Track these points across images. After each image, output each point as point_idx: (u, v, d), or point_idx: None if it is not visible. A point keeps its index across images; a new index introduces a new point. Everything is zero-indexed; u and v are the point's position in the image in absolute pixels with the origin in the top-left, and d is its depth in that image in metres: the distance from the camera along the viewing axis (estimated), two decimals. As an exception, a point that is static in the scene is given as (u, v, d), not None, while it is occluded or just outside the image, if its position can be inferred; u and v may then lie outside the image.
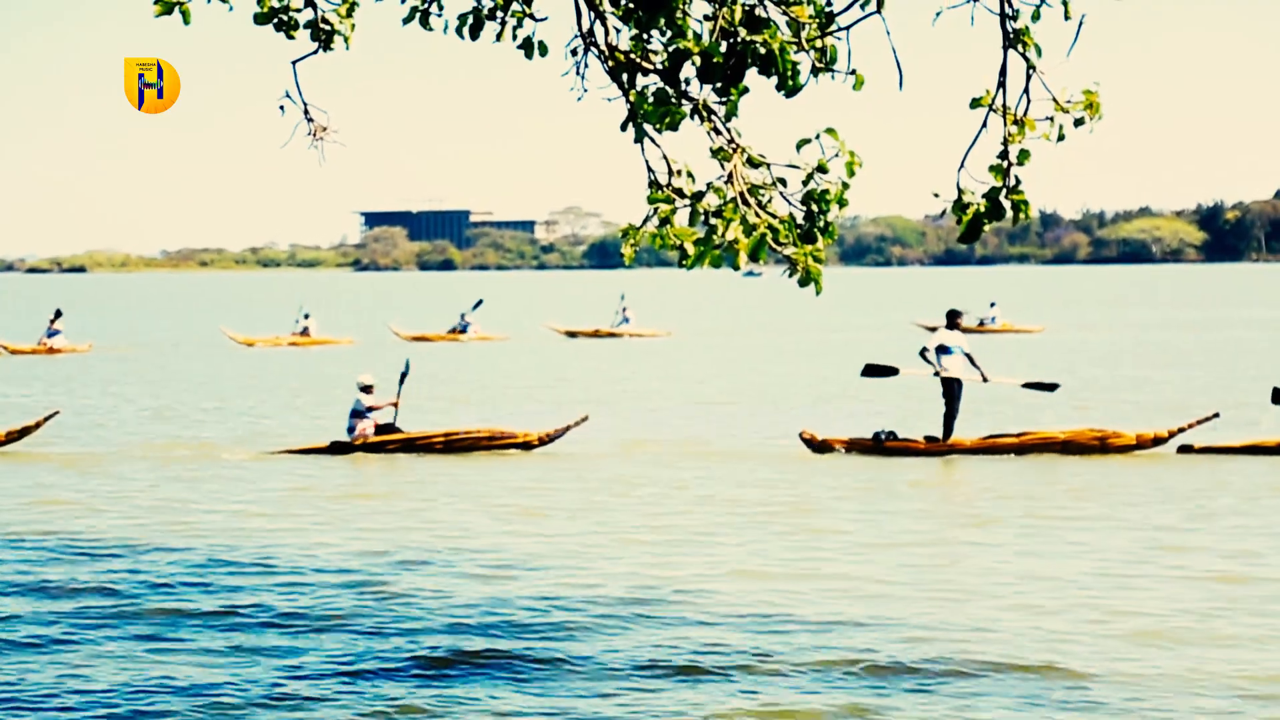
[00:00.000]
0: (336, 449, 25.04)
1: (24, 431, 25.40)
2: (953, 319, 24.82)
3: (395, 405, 25.40)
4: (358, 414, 25.24)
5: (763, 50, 7.89)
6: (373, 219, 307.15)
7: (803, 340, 61.32)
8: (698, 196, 8.12)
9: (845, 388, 37.64)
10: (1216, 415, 24.57)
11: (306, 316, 57.59)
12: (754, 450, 25.24)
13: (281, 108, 8.67)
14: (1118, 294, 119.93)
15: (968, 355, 24.69)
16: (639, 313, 71.59)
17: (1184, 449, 23.95)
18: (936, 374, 24.64)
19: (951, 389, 24.51)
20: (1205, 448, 23.86)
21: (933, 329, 65.90)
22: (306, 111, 8.75)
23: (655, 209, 8.07)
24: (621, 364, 46.71)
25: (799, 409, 32.28)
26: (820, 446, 24.34)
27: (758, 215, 8.01)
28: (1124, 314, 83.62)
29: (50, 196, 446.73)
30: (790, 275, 8.12)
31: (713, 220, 8.01)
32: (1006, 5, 8.03)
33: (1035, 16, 8.02)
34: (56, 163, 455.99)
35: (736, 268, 8.10)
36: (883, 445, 24.29)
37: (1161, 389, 36.47)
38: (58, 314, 52.90)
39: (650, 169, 8.30)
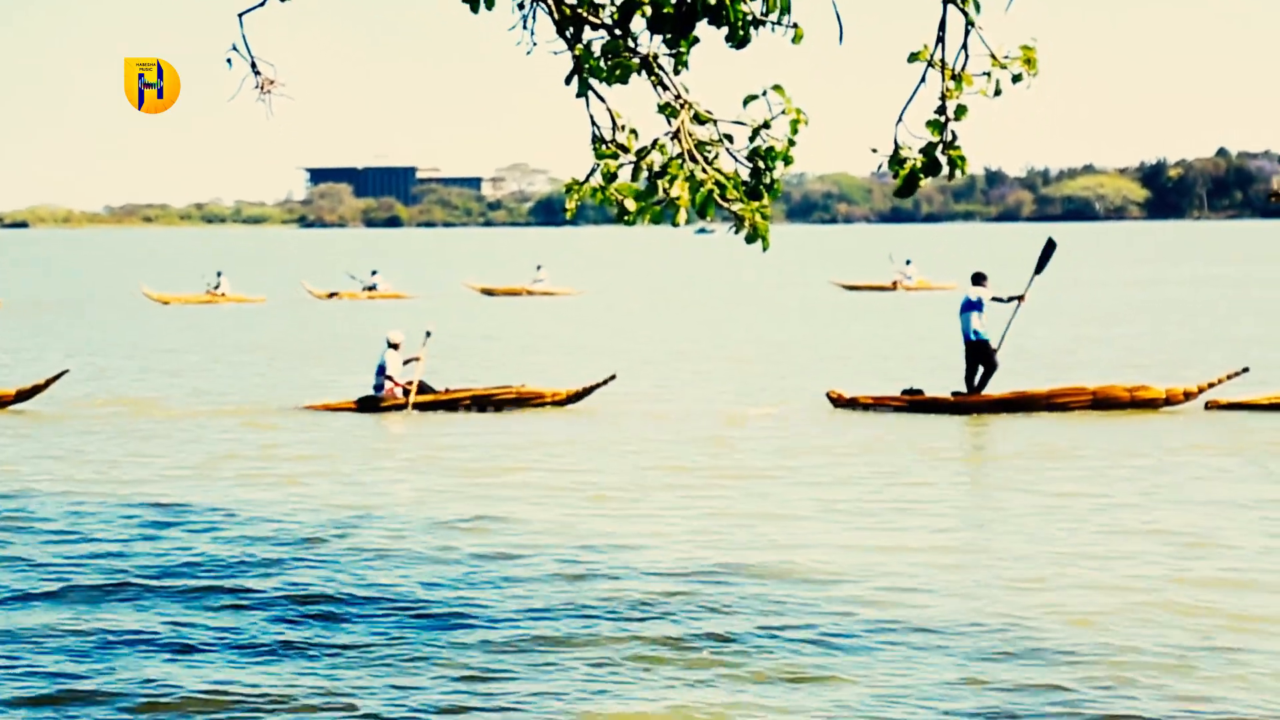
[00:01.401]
0: (364, 406, 24.87)
1: (34, 390, 25.25)
2: (979, 279, 24.93)
3: (417, 385, 24.86)
4: (385, 371, 25.00)
5: (712, 1, 7.92)
6: (318, 175, 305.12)
7: (732, 300, 61.22)
8: (642, 153, 8.13)
9: (762, 347, 37.80)
10: (1246, 370, 24.63)
11: (219, 275, 62.57)
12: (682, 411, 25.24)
13: (229, 60, 8.63)
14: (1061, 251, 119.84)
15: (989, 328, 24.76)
16: (561, 271, 74.88)
17: (1211, 405, 24.03)
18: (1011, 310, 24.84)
19: (984, 348, 24.54)
20: (1232, 403, 24.01)
21: (851, 288, 65.62)
22: (254, 65, 8.70)
23: (601, 164, 8.09)
24: (523, 323, 46.59)
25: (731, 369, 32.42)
26: (848, 404, 24.43)
27: (704, 172, 8.04)
28: (1072, 273, 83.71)
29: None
30: (737, 231, 8.15)
31: (656, 179, 8.03)
32: (946, -40, 8.07)
33: (973, -30, 8.05)
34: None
35: (676, 224, 8.09)
36: (910, 401, 24.23)
37: (1111, 347, 36.71)
38: None
39: (595, 124, 8.31)
